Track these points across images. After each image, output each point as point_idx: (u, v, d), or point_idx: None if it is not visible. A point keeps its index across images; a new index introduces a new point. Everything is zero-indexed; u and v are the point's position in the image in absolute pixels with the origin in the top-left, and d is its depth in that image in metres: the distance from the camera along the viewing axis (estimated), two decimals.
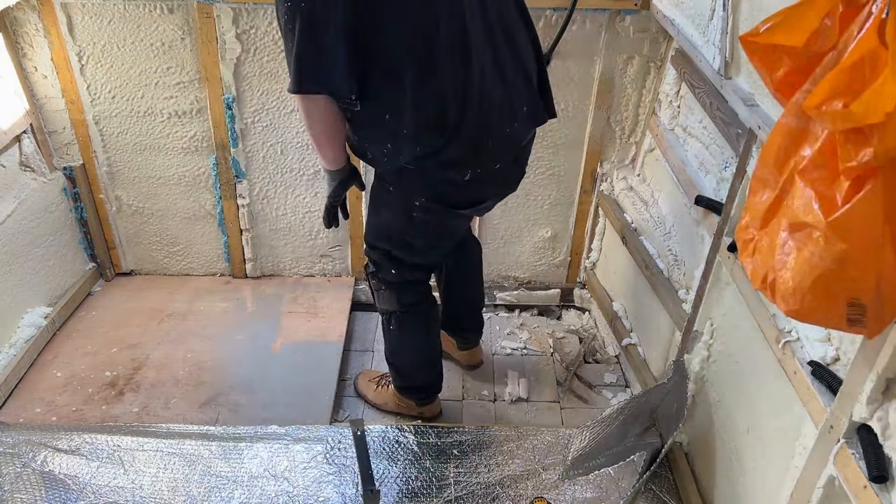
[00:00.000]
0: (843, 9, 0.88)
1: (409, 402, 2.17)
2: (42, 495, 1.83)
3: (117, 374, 2.26)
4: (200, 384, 2.23)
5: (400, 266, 1.88)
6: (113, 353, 2.35)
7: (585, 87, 2.34)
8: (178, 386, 2.23)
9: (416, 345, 2.07)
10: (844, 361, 1.26)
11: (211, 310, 2.57)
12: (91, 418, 2.08)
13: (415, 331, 2.03)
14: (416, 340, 2.06)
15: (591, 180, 2.52)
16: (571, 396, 2.35)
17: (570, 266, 2.74)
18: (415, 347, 2.08)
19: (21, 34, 2.24)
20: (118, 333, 2.43)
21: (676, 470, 1.94)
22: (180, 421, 2.06)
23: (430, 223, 1.76)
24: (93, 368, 2.28)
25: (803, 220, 0.91)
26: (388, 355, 2.12)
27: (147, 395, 2.18)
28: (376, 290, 1.97)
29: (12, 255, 2.27)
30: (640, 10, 2.19)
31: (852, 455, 1.14)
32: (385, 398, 2.21)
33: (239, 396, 2.19)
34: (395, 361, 2.12)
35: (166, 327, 2.47)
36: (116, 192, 2.55)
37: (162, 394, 2.19)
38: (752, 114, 1.49)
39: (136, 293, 2.65)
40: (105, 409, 2.13)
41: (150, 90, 2.33)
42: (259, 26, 2.20)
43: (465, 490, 1.90)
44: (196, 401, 2.17)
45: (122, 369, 2.28)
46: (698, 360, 1.85)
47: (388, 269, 1.89)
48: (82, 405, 2.14)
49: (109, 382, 2.23)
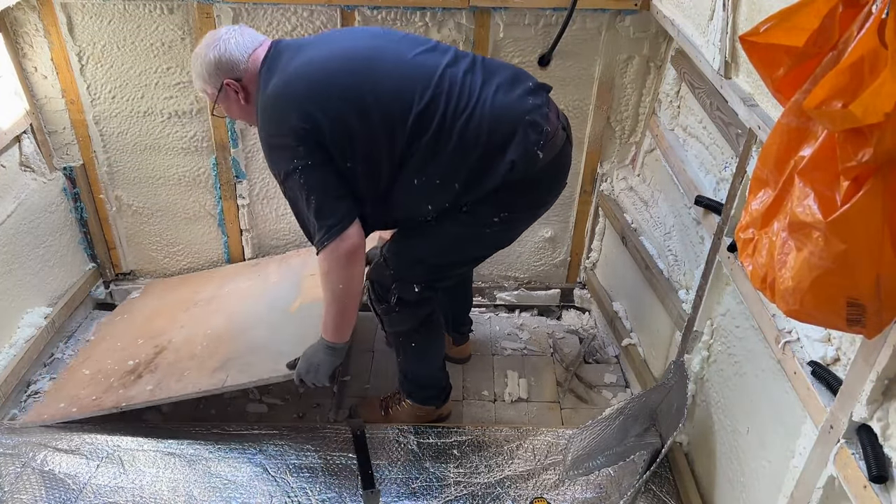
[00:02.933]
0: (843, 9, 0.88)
1: (429, 408, 2.13)
2: (42, 495, 1.83)
3: (139, 362, 2.23)
4: (216, 353, 2.18)
5: (429, 285, 1.85)
6: (139, 344, 2.33)
7: (585, 87, 2.34)
8: (195, 359, 2.17)
9: (437, 351, 2.07)
10: (844, 361, 1.26)
11: (237, 288, 2.54)
12: (107, 403, 2.05)
13: (436, 337, 2.02)
14: (436, 347, 2.05)
15: (591, 180, 2.52)
16: (571, 396, 2.35)
17: (569, 266, 2.74)
18: (436, 355, 2.07)
19: (21, 34, 2.24)
20: (147, 326, 2.43)
21: (676, 470, 1.93)
22: (190, 390, 2.01)
23: (504, 231, 1.81)
24: (118, 361, 2.26)
25: (803, 220, 0.91)
26: (407, 373, 2.07)
27: (163, 373, 2.13)
28: (387, 315, 1.91)
29: (12, 255, 2.27)
30: (640, 10, 2.19)
31: (852, 455, 1.14)
32: (401, 417, 2.13)
33: (251, 357, 2.12)
34: (418, 375, 2.07)
35: (193, 313, 2.45)
36: (116, 192, 2.55)
37: (177, 370, 2.14)
38: (752, 114, 1.49)
39: (170, 290, 2.65)
40: (122, 392, 2.09)
41: (150, 90, 2.33)
42: (259, 26, 2.20)
43: (465, 490, 1.89)
44: (209, 368, 2.11)
45: (145, 356, 2.25)
46: (698, 360, 1.85)
47: (410, 287, 1.83)
48: (102, 393, 2.11)
49: (131, 370, 2.20)
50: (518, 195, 1.71)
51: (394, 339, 2.00)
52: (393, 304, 1.86)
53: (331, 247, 1.62)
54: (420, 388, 2.10)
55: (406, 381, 2.09)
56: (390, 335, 2.01)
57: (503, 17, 2.19)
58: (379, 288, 1.88)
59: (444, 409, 2.18)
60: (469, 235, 1.77)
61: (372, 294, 1.91)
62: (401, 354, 2.03)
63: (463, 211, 1.72)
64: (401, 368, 2.08)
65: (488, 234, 1.78)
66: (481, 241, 1.82)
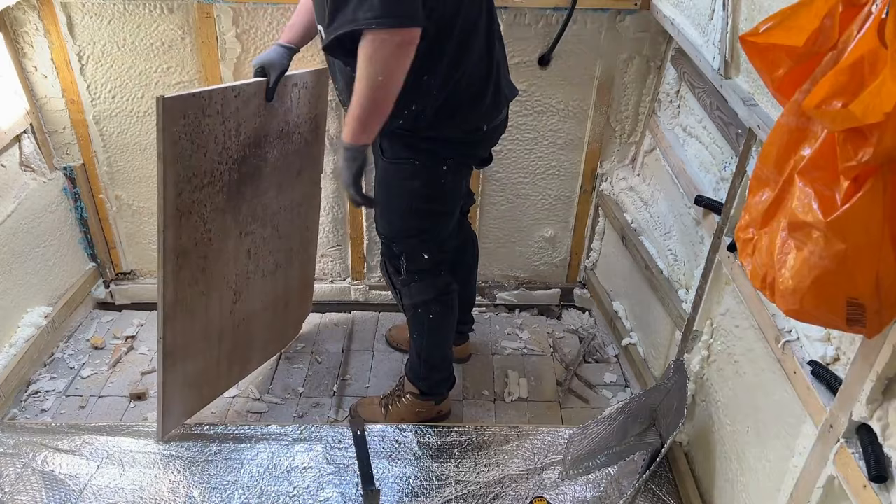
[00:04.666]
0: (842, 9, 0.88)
1: (428, 404, 2.14)
2: (42, 496, 1.83)
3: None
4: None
5: (431, 246, 1.89)
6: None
7: (585, 87, 2.34)
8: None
9: (450, 331, 2.07)
10: (844, 361, 1.26)
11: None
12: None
13: (451, 314, 2.04)
14: (450, 325, 2.06)
15: (591, 180, 2.52)
16: (571, 396, 2.36)
17: (570, 266, 2.74)
18: (448, 334, 2.08)
19: (21, 34, 2.24)
20: None
21: (676, 470, 1.94)
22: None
23: (455, 184, 1.83)
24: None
25: (803, 219, 0.91)
26: (420, 354, 2.06)
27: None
28: (405, 286, 1.94)
29: (12, 255, 2.27)
30: (640, 10, 2.19)
31: (852, 455, 1.14)
32: (401, 414, 2.13)
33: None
34: (432, 355, 2.07)
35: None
36: (116, 191, 2.55)
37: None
38: (752, 114, 1.49)
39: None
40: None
41: (150, 90, 2.33)
42: (259, 26, 2.20)
43: (465, 490, 1.90)
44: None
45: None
46: (698, 360, 1.85)
47: (420, 255, 1.88)
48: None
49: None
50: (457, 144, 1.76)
51: (412, 313, 2.00)
52: (406, 274, 1.90)
53: (391, 32, 1.40)
54: (431, 371, 2.09)
55: (419, 364, 2.08)
56: (408, 309, 2.00)
57: (503, 16, 2.19)
58: (389, 263, 1.95)
59: (443, 406, 2.18)
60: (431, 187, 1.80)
61: (389, 267, 1.95)
62: (416, 331, 2.03)
63: (415, 163, 1.75)
64: (415, 349, 2.07)
65: (445, 184, 1.82)
66: (446, 192, 1.85)
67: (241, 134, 1.80)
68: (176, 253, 1.76)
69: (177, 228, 1.74)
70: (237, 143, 1.80)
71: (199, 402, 2.11)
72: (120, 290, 2.71)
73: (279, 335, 2.42)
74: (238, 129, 1.79)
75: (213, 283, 1.93)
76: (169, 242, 1.73)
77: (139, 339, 2.54)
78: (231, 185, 1.84)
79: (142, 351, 2.49)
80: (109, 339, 2.53)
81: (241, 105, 1.76)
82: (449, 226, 1.92)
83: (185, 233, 1.76)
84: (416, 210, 1.83)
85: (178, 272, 1.79)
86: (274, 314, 2.28)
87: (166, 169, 1.64)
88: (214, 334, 2.02)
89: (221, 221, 1.86)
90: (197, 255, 1.83)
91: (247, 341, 2.19)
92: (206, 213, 1.80)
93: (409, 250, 1.89)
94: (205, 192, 1.77)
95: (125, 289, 2.71)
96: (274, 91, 1.81)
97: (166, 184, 1.66)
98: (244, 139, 1.82)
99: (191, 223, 1.77)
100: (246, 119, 1.80)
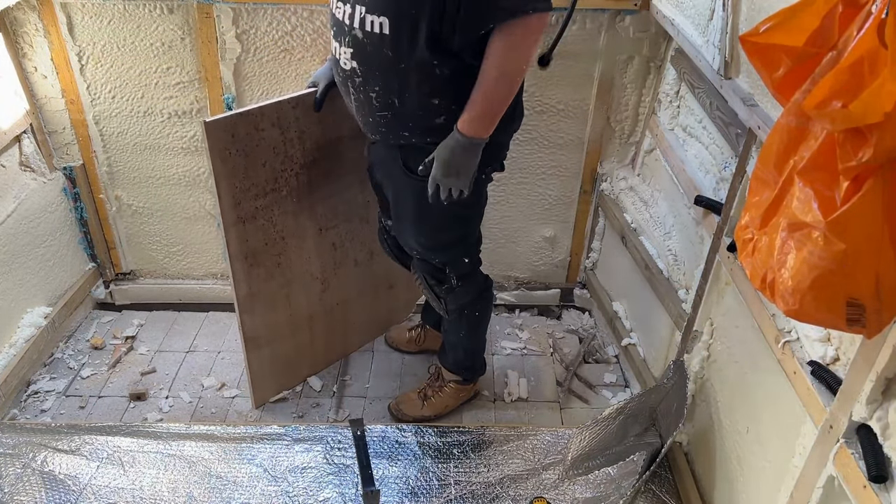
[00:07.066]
0: (842, 9, 0.88)
1: (469, 387, 2.24)
2: (42, 496, 1.83)
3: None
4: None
5: (470, 249, 1.93)
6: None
7: (585, 87, 2.34)
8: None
9: (487, 323, 2.15)
10: (844, 361, 1.26)
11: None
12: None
13: (489, 308, 2.13)
14: (488, 319, 2.15)
15: (591, 180, 2.52)
16: (571, 396, 2.36)
17: (569, 266, 2.74)
18: (486, 327, 2.16)
19: (21, 34, 2.24)
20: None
21: (676, 470, 1.94)
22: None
23: (486, 184, 1.83)
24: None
25: (802, 219, 0.91)
26: (467, 348, 2.15)
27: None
28: (450, 293, 1.96)
29: (12, 255, 2.27)
30: (640, 11, 2.19)
31: (852, 455, 1.14)
32: (445, 402, 2.22)
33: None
34: (477, 348, 2.18)
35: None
36: (116, 192, 2.55)
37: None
38: (752, 114, 1.49)
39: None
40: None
41: (150, 90, 2.33)
42: (259, 26, 2.20)
43: (465, 490, 1.90)
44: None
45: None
46: (698, 360, 1.85)
47: (462, 261, 1.92)
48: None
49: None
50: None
51: (457, 314, 2.04)
52: (455, 283, 1.94)
53: (541, 18, 1.40)
54: (475, 359, 2.21)
55: (465, 357, 2.17)
56: (453, 312, 2.04)
57: None
58: (431, 277, 1.95)
59: (479, 385, 2.30)
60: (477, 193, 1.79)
61: (430, 280, 1.96)
62: (460, 329, 2.09)
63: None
64: (459, 344, 2.14)
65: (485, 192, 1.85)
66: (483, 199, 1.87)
67: (305, 141, 1.89)
68: (244, 254, 1.92)
69: (240, 233, 1.87)
70: (302, 150, 1.89)
71: (294, 378, 2.31)
72: (120, 291, 2.71)
73: (386, 316, 2.54)
74: (301, 137, 1.88)
75: (294, 276, 2.08)
76: (233, 246, 1.87)
77: (139, 339, 2.54)
78: (301, 188, 1.95)
79: (142, 351, 2.49)
80: (109, 340, 2.53)
81: (301, 114, 1.84)
82: (479, 226, 1.96)
83: (251, 236, 1.91)
84: (457, 218, 1.83)
85: (250, 270, 1.95)
86: (374, 298, 2.41)
87: (219, 182, 1.76)
88: (303, 320, 2.19)
89: (294, 222, 1.98)
90: (270, 253, 1.98)
91: (344, 324, 2.35)
92: (273, 217, 1.92)
93: (451, 259, 1.91)
94: (269, 199, 1.89)
95: (125, 289, 2.71)
96: (322, 102, 1.84)
97: (221, 196, 1.78)
98: (310, 146, 1.91)
99: (257, 226, 1.90)
100: (309, 127, 1.88)
